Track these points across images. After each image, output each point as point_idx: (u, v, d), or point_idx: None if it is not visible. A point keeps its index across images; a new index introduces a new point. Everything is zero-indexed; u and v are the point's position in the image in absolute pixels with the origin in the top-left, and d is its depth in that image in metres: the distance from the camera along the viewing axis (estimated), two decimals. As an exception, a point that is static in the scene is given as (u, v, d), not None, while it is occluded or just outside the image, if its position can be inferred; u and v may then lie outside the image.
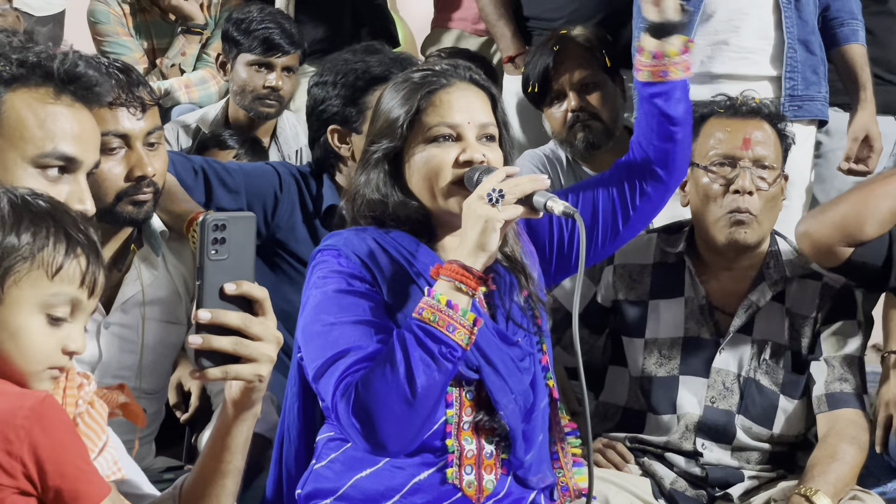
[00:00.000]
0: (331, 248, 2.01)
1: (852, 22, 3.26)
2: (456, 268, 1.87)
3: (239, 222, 1.60)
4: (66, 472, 1.45)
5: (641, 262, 2.69)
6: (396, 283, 1.97)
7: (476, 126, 2.00)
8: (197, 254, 1.59)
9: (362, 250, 1.98)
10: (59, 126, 1.74)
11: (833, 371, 2.56)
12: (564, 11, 3.71)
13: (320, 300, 1.95)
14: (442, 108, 2.00)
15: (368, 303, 1.94)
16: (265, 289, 1.61)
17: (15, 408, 1.44)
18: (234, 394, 1.64)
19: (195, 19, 4.20)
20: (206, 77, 4.18)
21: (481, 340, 1.96)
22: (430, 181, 2.00)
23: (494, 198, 1.86)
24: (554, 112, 3.44)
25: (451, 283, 1.86)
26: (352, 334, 1.90)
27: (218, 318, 1.57)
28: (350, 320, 1.91)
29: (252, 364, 1.58)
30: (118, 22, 4.21)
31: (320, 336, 1.92)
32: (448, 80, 2.02)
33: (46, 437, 1.44)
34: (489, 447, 1.99)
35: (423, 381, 1.83)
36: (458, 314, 1.85)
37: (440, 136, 2.00)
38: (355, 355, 1.88)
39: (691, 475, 2.60)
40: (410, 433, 1.87)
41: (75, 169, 1.76)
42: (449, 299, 1.85)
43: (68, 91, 1.76)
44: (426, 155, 2.00)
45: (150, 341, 2.48)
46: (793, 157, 2.72)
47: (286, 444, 2.12)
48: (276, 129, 3.85)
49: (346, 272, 1.96)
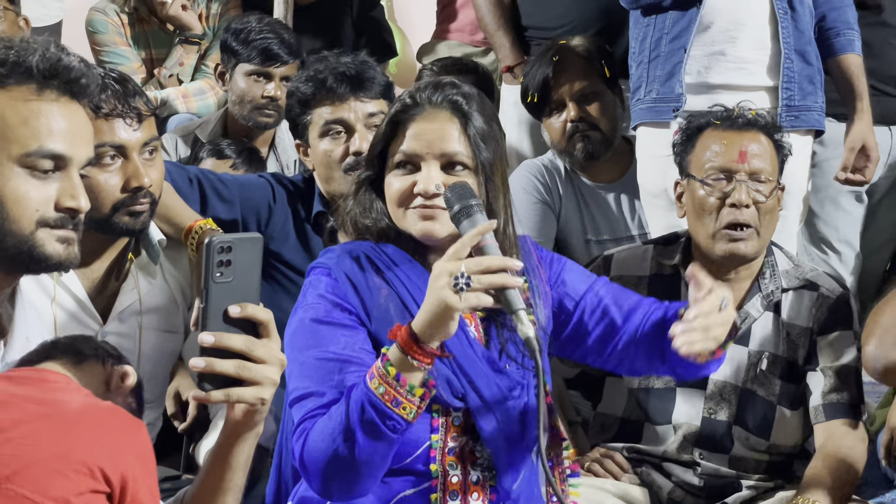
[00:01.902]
0: (322, 266, 2.02)
1: (848, 32, 3.26)
2: (408, 340, 1.80)
3: (245, 244, 1.59)
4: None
5: (638, 273, 2.68)
6: (384, 304, 1.97)
7: (437, 155, 1.99)
8: (202, 275, 1.58)
9: (353, 270, 1.99)
10: (44, 123, 1.71)
11: (830, 381, 2.56)
12: (563, 21, 3.72)
13: (296, 327, 1.97)
14: (403, 138, 2.00)
15: (343, 335, 1.93)
16: (270, 311, 1.61)
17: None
18: (237, 415, 1.64)
19: (193, 30, 4.21)
20: (204, 88, 4.19)
21: (469, 368, 1.95)
22: (392, 206, 2.01)
23: (461, 284, 1.77)
24: (553, 122, 3.44)
25: (402, 354, 1.80)
26: (315, 374, 1.90)
27: (221, 341, 1.57)
28: (318, 356, 1.91)
29: (255, 387, 1.58)
30: (116, 32, 4.21)
31: (293, 366, 1.92)
32: (418, 109, 2.01)
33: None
34: (475, 473, 1.97)
35: (364, 448, 1.82)
36: (405, 389, 1.81)
37: (399, 163, 2.00)
38: (314, 402, 1.88)
39: (689, 485, 2.60)
40: (354, 489, 1.87)
41: (65, 165, 1.73)
42: (399, 372, 1.81)
43: (51, 86, 1.73)
44: (388, 181, 2.02)
45: (147, 350, 2.48)
46: (790, 167, 2.72)
47: (285, 456, 2.13)
48: (275, 138, 3.85)
49: (330, 299, 1.96)
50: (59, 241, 1.73)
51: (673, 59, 3.12)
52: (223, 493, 1.69)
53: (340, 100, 2.79)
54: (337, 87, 2.78)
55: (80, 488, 1.48)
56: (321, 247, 2.84)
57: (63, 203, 1.72)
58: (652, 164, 3.19)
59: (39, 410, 1.53)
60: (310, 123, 2.83)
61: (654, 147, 3.17)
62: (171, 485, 2.35)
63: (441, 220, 1.97)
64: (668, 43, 3.13)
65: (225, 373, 1.57)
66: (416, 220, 1.98)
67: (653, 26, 3.17)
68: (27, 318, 1.88)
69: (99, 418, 1.55)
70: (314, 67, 2.83)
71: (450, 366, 1.95)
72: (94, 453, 1.50)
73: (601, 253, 2.85)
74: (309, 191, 2.89)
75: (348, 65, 2.81)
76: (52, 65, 1.73)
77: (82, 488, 1.48)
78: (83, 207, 1.73)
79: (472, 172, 2.00)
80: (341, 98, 2.79)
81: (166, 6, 4.16)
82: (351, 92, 2.79)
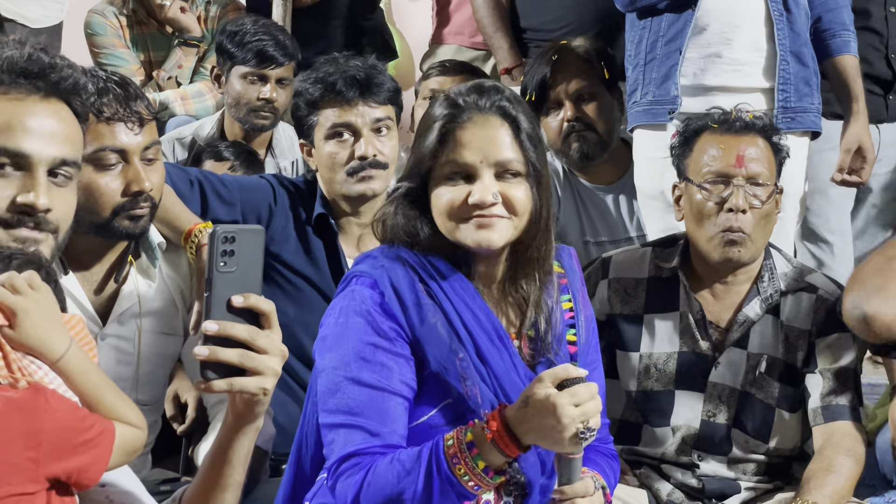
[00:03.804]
0: (366, 275, 1.97)
1: (844, 33, 3.27)
2: (509, 442, 1.80)
3: (248, 235, 1.61)
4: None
5: (636, 276, 2.69)
6: (433, 320, 1.94)
7: (491, 164, 1.95)
8: (206, 265, 1.60)
9: (400, 283, 1.95)
10: (3, 121, 1.68)
11: (828, 384, 2.56)
12: (562, 23, 3.73)
13: (343, 339, 1.93)
14: (456, 147, 1.95)
15: (391, 362, 1.91)
16: (272, 302, 1.62)
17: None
18: (238, 406, 1.65)
19: (192, 32, 4.21)
20: (202, 90, 4.19)
21: (511, 390, 1.94)
22: (441, 218, 1.97)
23: (587, 437, 1.78)
24: (550, 122, 3.45)
25: (496, 448, 1.81)
26: (368, 405, 1.88)
27: (225, 330, 1.58)
28: (368, 382, 1.89)
29: (257, 377, 1.60)
30: (115, 34, 4.22)
31: (336, 385, 1.91)
32: (467, 115, 1.97)
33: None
34: (507, 499, 1.97)
35: None
36: (489, 479, 1.83)
37: (452, 174, 1.96)
38: (367, 441, 1.87)
39: (688, 487, 2.61)
40: None
41: (27, 165, 1.70)
42: (486, 466, 1.81)
43: (18, 84, 1.70)
44: (438, 193, 1.97)
45: (146, 352, 2.48)
46: (786, 169, 2.72)
47: (303, 451, 2.11)
48: (272, 140, 3.85)
49: (378, 318, 1.92)
50: (17, 241, 1.70)
51: (668, 62, 3.12)
52: (223, 490, 1.70)
53: (348, 103, 2.79)
54: (346, 91, 2.78)
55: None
56: (322, 249, 2.86)
57: (18, 199, 1.69)
58: (649, 167, 3.20)
59: None
60: (316, 125, 2.83)
61: (651, 149, 3.18)
62: (169, 487, 2.34)
63: (498, 229, 1.95)
64: (664, 45, 3.14)
65: (228, 361, 1.58)
66: (472, 230, 1.94)
67: (648, 29, 3.18)
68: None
69: None
70: (323, 69, 2.83)
71: (492, 387, 1.94)
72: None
73: (599, 255, 2.86)
74: (310, 193, 2.89)
75: (358, 68, 2.80)
76: (13, 62, 1.69)
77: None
78: (39, 206, 1.70)
79: (524, 178, 1.97)
80: (349, 102, 2.79)
81: (165, 8, 4.17)
82: (359, 96, 2.79)
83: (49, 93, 1.72)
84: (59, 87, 1.72)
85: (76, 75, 1.75)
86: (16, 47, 1.70)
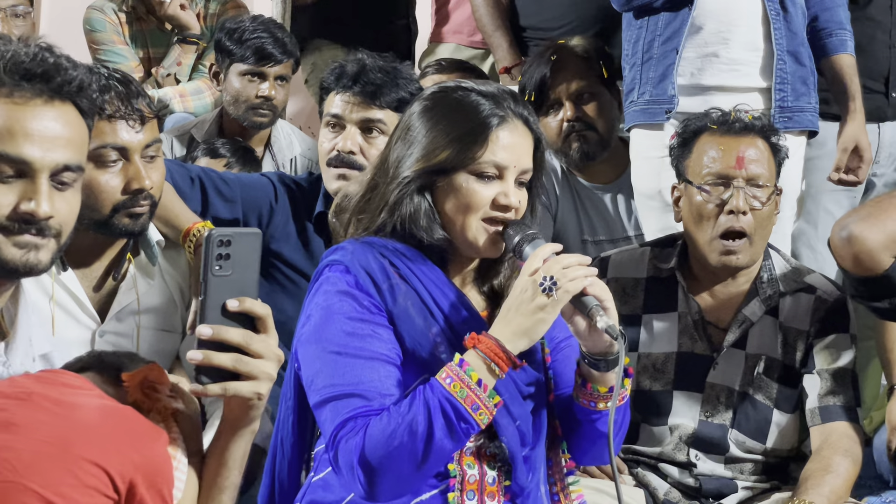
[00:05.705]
0: (337, 263, 1.98)
1: (841, 32, 3.26)
2: (495, 348, 1.86)
3: (244, 238, 1.61)
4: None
5: (635, 275, 2.69)
6: (404, 302, 1.96)
7: (518, 170, 1.99)
8: (201, 268, 1.59)
9: (370, 266, 1.96)
10: (5, 126, 1.65)
11: (826, 384, 2.56)
12: (562, 22, 3.72)
13: (325, 320, 1.93)
14: (494, 146, 1.97)
15: (375, 332, 1.92)
16: (268, 306, 1.61)
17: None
18: (233, 410, 1.64)
19: (191, 29, 4.20)
20: (201, 87, 4.19)
21: None
22: (463, 213, 1.98)
23: (547, 286, 1.84)
24: (549, 121, 3.44)
25: (485, 361, 1.85)
26: (358, 373, 1.88)
27: (219, 334, 1.58)
28: (355, 353, 1.90)
29: (252, 382, 1.59)
30: (114, 31, 4.21)
31: (324, 362, 1.90)
32: (504, 116, 1.99)
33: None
34: (492, 473, 1.97)
35: (436, 451, 1.84)
36: (486, 396, 1.85)
37: (486, 173, 1.98)
38: (362, 403, 1.87)
39: (685, 486, 2.61)
40: (407, 490, 1.89)
41: (29, 172, 1.67)
42: (480, 378, 1.84)
43: (21, 86, 1.66)
44: (468, 188, 1.98)
45: (144, 349, 2.48)
46: (784, 168, 2.72)
47: (279, 457, 2.11)
48: (271, 138, 3.85)
49: (356, 295, 1.94)
50: (18, 246, 1.68)
51: (665, 61, 3.12)
52: (219, 492, 1.69)
53: (347, 97, 2.80)
54: (351, 85, 2.79)
55: (87, 488, 1.48)
56: (322, 247, 2.85)
57: (20, 207, 1.67)
58: (646, 166, 3.20)
59: (55, 410, 1.52)
60: (322, 111, 2.85)
61: (648, 149, 3.17)
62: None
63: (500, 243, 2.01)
64: (661, 45, 3.13)
65: (222, 366, 1.58)
66: (483, 234, 1.98)
67: (645, 28, 3.17)
68: (30, 319, 1.86)
69: (113, 422, 1.54)
70: (350, 58, 2.84)
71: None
72: (103, 455, 1.50)
73: (598, 254, 2.86)
74: (312, 191, 2.89)
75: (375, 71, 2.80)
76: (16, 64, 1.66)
77: (90, 489, 1.49)
78: (41, 214, 1.67)
79: (527, 188, 2.04)
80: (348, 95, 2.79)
81: (164, 5, 4.16)
82: (360, 93, 2.79)
83: (53, 95, 1.69)
84: (64, 88, 1.70)
85: (81, 75, 1.72)
86: (20, 46, 1.68)
